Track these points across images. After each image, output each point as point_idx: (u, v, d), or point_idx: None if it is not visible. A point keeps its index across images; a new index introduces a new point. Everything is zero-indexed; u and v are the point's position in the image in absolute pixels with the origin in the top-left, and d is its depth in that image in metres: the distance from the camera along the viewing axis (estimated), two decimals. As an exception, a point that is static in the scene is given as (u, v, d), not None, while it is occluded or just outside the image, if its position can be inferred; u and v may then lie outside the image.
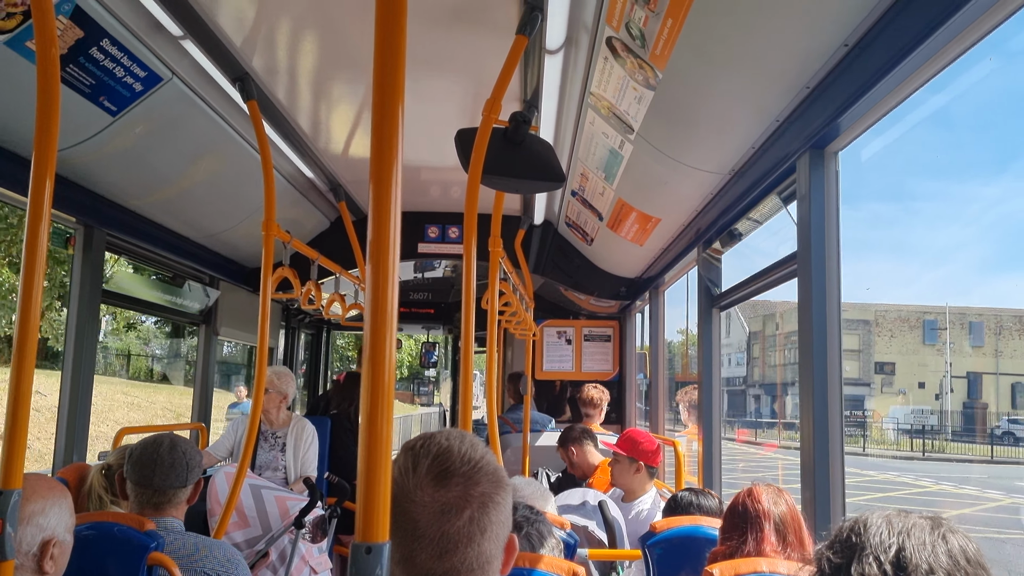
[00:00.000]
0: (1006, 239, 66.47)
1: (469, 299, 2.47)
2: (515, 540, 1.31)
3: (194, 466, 2.77)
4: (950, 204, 69.42)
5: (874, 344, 51.37)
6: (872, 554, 1.31)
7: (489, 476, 1.27)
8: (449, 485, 1.23)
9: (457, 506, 1.22)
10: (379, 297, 1.26)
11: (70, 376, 4.06)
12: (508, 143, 2.49)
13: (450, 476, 1.24)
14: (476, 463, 1.26)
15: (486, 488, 1.25)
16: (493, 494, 1.26)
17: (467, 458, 1.26)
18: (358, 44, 3.25)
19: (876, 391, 49.84)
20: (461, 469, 1.25)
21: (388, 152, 1.27)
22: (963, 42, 2.00)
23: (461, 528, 1.21)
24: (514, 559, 1.31)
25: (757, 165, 3.26)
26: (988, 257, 71.06)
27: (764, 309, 48.96)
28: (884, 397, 48.40)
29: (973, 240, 69.55)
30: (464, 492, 1.23)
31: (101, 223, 4.17)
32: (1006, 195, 63.26)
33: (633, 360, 7.42)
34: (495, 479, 1.28)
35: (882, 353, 51.55)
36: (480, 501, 1.24)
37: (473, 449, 1.29)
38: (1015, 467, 29.93)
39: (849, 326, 47.08)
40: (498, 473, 1.29)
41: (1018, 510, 18.72)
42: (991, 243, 68.74)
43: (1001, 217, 63.39)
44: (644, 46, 2.77)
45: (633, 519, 3.97)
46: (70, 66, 2.94)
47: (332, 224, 6.12)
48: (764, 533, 2.27)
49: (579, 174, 4.67)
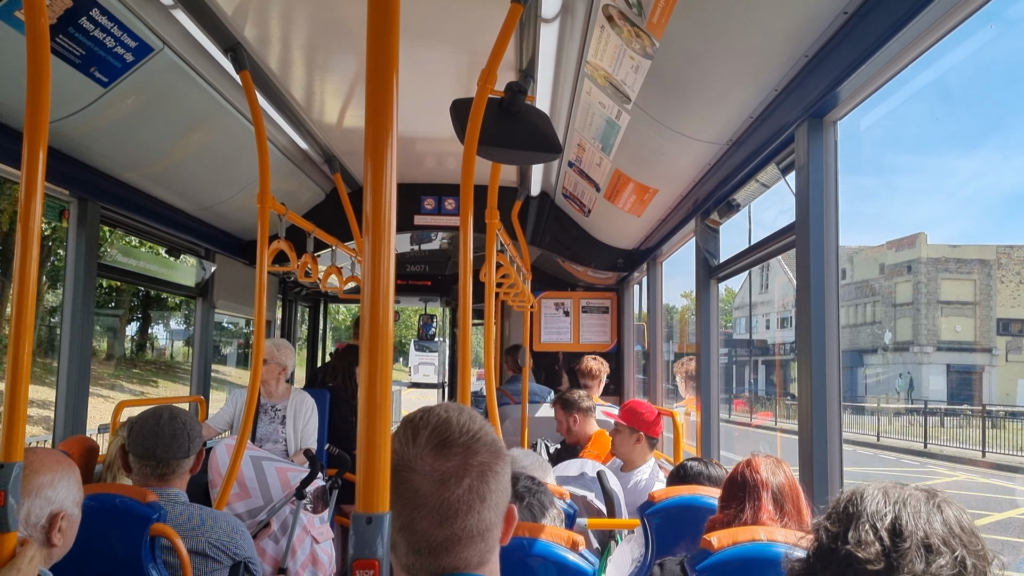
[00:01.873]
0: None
1: (466, 271, 2.47)
2: (514, 510, 1.34)
3: (195, 436, 2.79)
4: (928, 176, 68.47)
5: (995, 293, 39.04)
6: (868, 522, 1.33)
7: (487, 446, 1.30)
8: (448, 455, 1.26)
9: (456, 475, 1.25)
10: (376, 269, 1.25)
11: (67, 349, 4.06)
12: (504, 113, 2.47)
13: (449, 446, 1.27)
14: (474, 434, 1.30)
15: (484, 458, 1.29)
16: (492, 463, 1.29)
17: (465, 429, 1.30)
18: (352, 13, 3.21)
19: (1000, 359, 37.62)
20: (460, 439, 1.28)
21: (383, 123, 1.26)
22: (964, 9, 1.98)
23: (461, 496, 1.25)
24: (513, 528, 1.34)
25: (755, 135, 3.24)
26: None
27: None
28: (1012, 366, 36.44)
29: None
30: (463, 461, 1.26)
31: (95, 196, 4.14)
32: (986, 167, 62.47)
33: (631, 331, 7.43)
34: (493, 449, 1.31)
35: (1008, 306, 38.73)
36: (479, 470, 1.27)
37: (472, 421, 1.32)
38: None
39: (959, 268, 39.56)
40: (496, 444, 1.32)
41: None
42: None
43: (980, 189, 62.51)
44: (641, 14, 2.74)
45: (632, 489, 4.00)
46: (60, 36, 2.90)
47: (328, 196, 6.10)
48: (762, 502, 2.30)
49: (576, 144, 4.64)
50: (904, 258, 40.61)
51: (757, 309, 49.91)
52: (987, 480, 18.39)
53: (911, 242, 40.65)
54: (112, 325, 24.45)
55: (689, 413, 5.07)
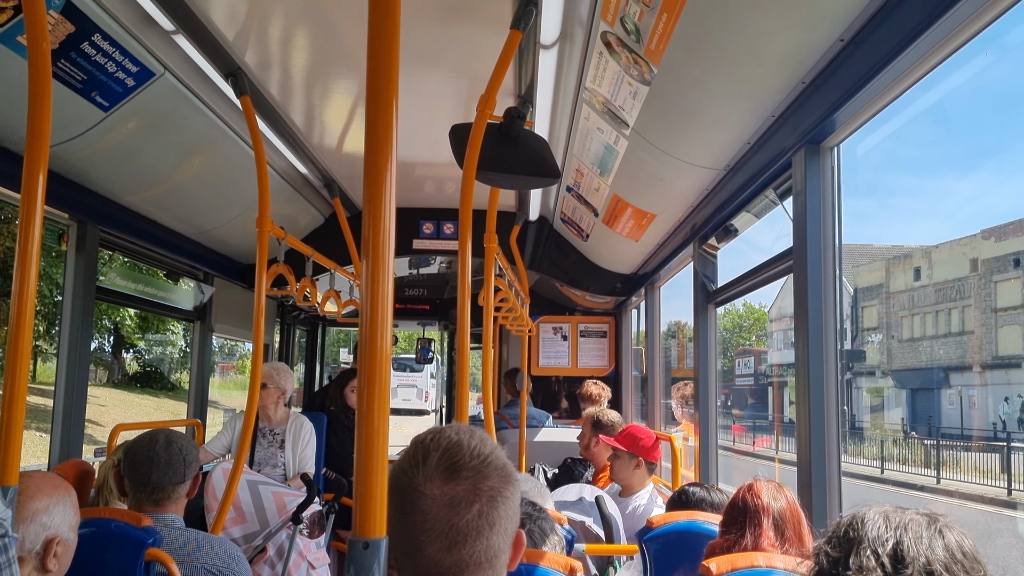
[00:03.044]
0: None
1: (465, 295, 2.47)
2: (523, 535, 1.32)
3: (191, 461, 2.77)
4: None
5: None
6: (869, 547, 1.32)
7: (498, 471, 1.28)
8: (459, 479, 1.24)
9: (466, 500, 1.23)
10: (374, 293, 1.25)
11: (64, 372, 4.05)
12: (503, 138, 2.48)
13: (460, 470, 1.25)
14: (485, 458, 1.27)
15: (495, 483, 1.26)
16: (502, 488, 1.27)
17: (476, 452, 1.27)
18: (352, 39, 3.24)
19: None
20: (471, 463, 1.26)
21: (382, 148, 1.26)
22: (959, 37, 2.00)
23: (470, 522, 1.22)
24: (521, 554, 1.32)
25: (753, 160, 3.26)
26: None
27: (887, 251, 32.90)
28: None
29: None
30: (473, 486, 1.24)
31: (94, 219, 4.15)
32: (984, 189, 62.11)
33: (629, 356, 7.42)
34: (504, 474, 1.29)
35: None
36: (489, 495, 1.25)
37: (483, 444, 1.30)
38: None
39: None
40: (507, 469, 1.30)
41: None
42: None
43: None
44: (639, 41, 2.76)
45: (630, 514, 3.97)
46: (61, 61, 2.92)
47: (327, 220, 6.11)
48: (763, 528, 2.28)
49: (574, 170, 4.66)
50: (1009, 249, 30.61)
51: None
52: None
53: (1020, 228, 30.48)
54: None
55: (687, 438, 5.05)
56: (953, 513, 1.85)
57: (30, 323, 1.88)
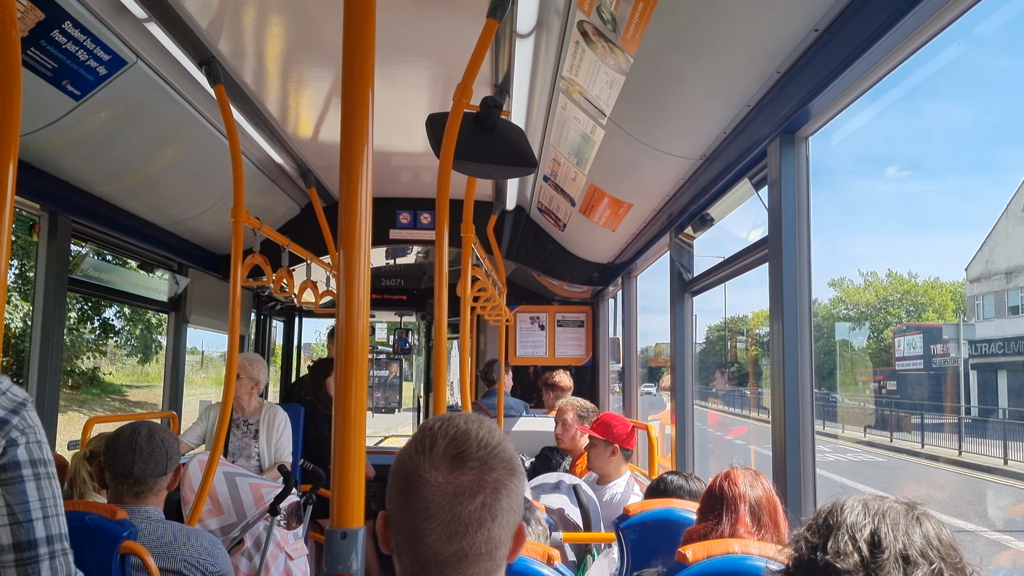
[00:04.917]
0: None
1: (442, 285, 2.47)
2: (524, 528, 1.31)
3: (172, 453, 2.75)
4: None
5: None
6: (847, 532, 1.34)
7: (504, 463, 1.27)
8: (464, 469, 1.23)
9: (470, 490, 1.22)
10: (351, 283, 1.25)
11: (37, 364, 4.00)
12: (479, 128, 2.48)
13: (466, 460, 1.24)
14: (493, 448, 1.27)
15: (500, 474, 1.25)
16: (506, 480, 1.26)
17: (484, 443, 1.26)
18: (327, 27, 3.21)
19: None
20: (477, 454, 1.25)
21: (358, 137, 1.26)
22: (931, 27, 2.02)
23: (473, 512, 1.22)
24: (521, 546, 1.31)
25: (728, 150, 3.28)
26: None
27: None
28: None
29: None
30: (479, 477, 1.23)
31: (66, 210, 4.10)
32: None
33: (607, 345, 7.45)
34: (509, 466, 1.28)
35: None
36: (493, 487, 1.24)
37: (491, 434, 1.29)
38: None
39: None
40: (513, 461, 1.29)
41: None
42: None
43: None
44: (615, 30, 2.76)
45: (607, 502, 4.00)
46: (31, 49, 2.88)
47: (303, 210, 6.08)
48: (739, 515, 2.31)
49: (551, 159, 4.66)
50: None
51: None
52: None
53: None
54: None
55: (665, 425, 5.08)
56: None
57: (1, 315, 1.86)
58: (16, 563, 1.53)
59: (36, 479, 1.55)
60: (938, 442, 22.75)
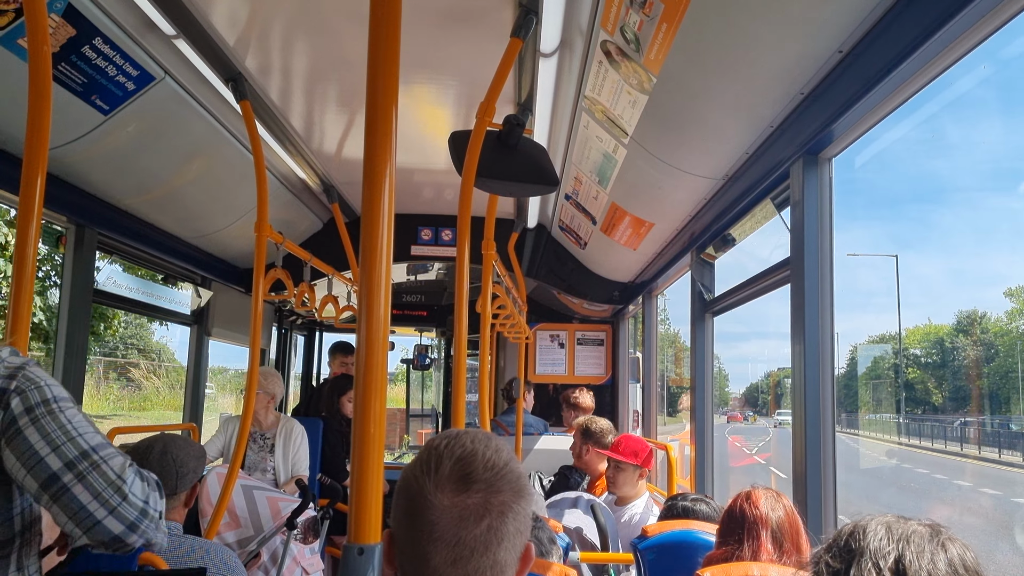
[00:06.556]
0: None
1: (462, 302, 2.47)
2: (531, 548, 1.28)
3: (186, 472, 2.71)
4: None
5: None
6: (871, 560, 1.30)
7: (511, 484, 1.23)
8: (470, 491, 1.20)
9: (476, 513, 1.19)
10: (372, 299, 1.25)
11: (61, 376, 4.04)
12: (502, 146, 2.49)
13: (472, 481, 1.20)
14: (499, 470, 1.23)
15: (507, 497, 1.22)
16: (513, 503, 1.22)
17: (491, 464, 1.23)
18: (352, 45, 3.24)
19: None
20: (484, 475, 1.21)
21: (381, 154, 1.27)
22: (956, 50, 2.01)
23: (478, 536, 1.18)
24: (529, 567, 1.28)
25: (751, 171, 3.27)
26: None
27: None
28: None
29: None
30: (484, 499, 1.20)
31: (93, 222, 4.15)
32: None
33: (626, 364, 7.42)
34: (517, 487, 1.24)
35: None
36: (500, 510, 1.20)
37: (497, 454, 1.25)
38: None
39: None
40: (520, 481, 1.26)
41: None
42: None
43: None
44: (639, 50, 2.77)
45: (626, 523, 3.97)
46: (62, 64, 2.93)
47: (325, 225, 6.11)
48: (761, 541, 2.25)
49: (573, 178, 4.67)
50: None
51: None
52: None
53: None
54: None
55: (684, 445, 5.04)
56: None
57: (26, 326, 1.88)
58: (52, 498, 1.62)
59: (33, 422, 1.61)
60: None
